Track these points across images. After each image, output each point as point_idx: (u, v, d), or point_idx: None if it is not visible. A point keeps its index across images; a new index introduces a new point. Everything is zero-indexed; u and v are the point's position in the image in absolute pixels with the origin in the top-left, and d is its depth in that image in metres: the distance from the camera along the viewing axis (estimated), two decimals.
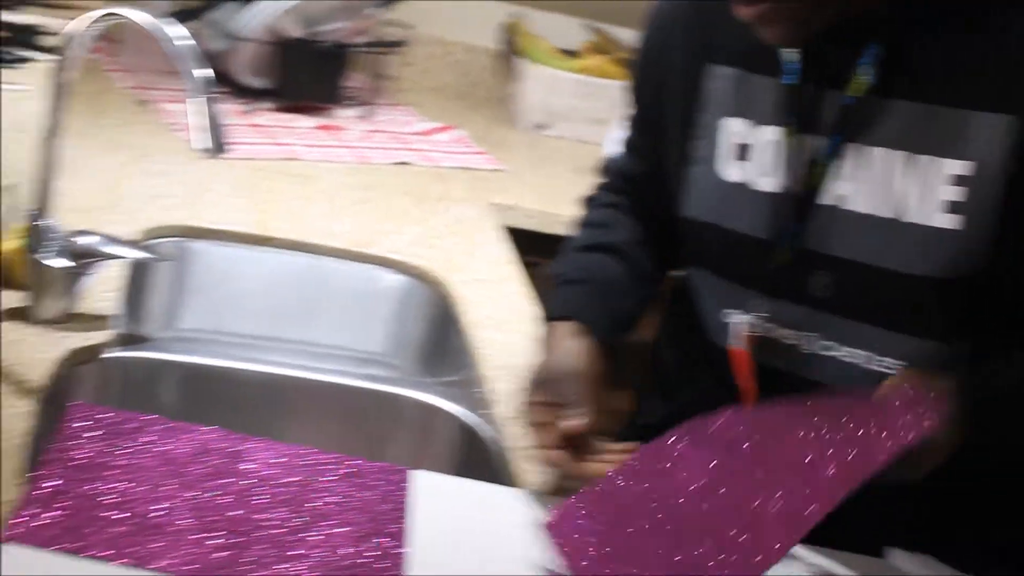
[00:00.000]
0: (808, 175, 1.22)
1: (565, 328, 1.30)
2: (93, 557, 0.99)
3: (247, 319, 1.83)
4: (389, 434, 1.51)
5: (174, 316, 1.80)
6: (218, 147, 1.36)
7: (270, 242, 1.85)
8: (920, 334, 1.20)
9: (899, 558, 1.22)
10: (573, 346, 1.27)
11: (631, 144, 1.47)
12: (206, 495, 1.11)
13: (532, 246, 2.19)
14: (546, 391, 1.22)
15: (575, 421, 1.19)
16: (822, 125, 1.21)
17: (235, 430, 1.26)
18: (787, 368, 1.27)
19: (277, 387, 1.52)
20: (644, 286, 1.39)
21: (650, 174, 1.40)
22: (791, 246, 1.23)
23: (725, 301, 1.30)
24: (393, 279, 1.85)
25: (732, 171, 1.27)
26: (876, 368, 1.22)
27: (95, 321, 1.47)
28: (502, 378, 1.51)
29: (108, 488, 1.09)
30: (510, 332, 1.68)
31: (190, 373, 1.50)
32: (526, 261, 2.02)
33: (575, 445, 1.19)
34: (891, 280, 1.18)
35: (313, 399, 1.53)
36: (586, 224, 1.45)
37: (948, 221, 1.14)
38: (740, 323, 1.27)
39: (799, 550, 1.22)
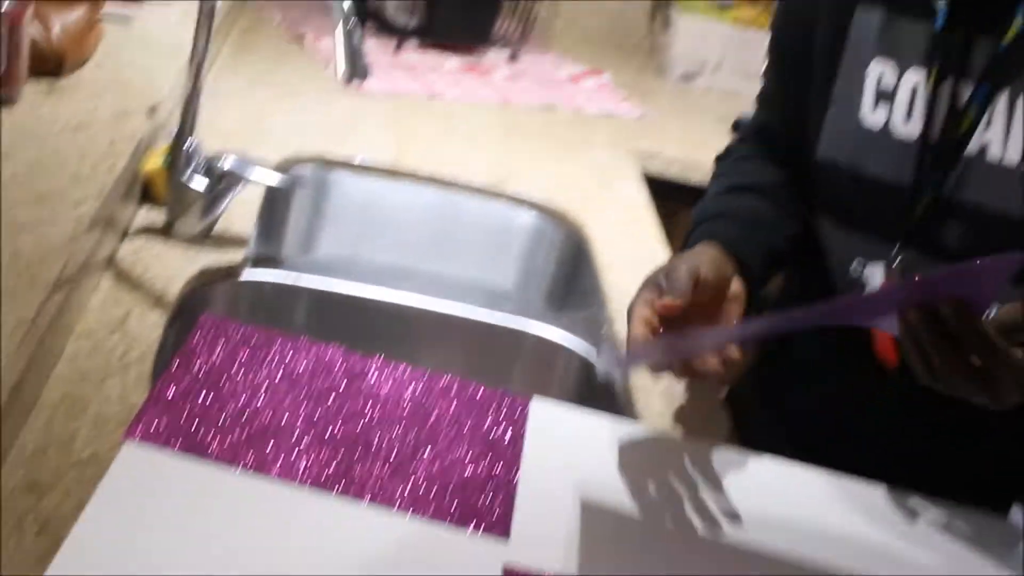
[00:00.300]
0: (953, 122, 1.18)
1: (703, 245, 1.23)
2: (210, 460, 1.02)
3: (381, 250, 1.85)
4: (510, 367, 1.52)
5: (309, 243, 1.83)
6: (359, 74, 1.37)
7: (408, 176, 1.86)
8: None
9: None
10: (702, 251, 1.20)
11: (765, 96, 1.44)
12: (325, 409, 1.13)
13: (671, 195, 2.17)
14: (655, 285, 1.17)
15: (668, 300, 1.12)
16: (971, 71, 1.17)
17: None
18: None
19: (403, 316, 1.53)
20: (791, 223, 1.35)
21: (785, 124, 1.37)
22: (931, 195, 1.19)
23: (855, 253, 1.27)
24: (527, 217, 1.86)
25: (874, 116, 1.24)
26: None
27: (231, 242, 1.50)
28: None
29: (230, 397, 1.11)
30: (640, 274, 1.66)
31: (319, 297, 1.52)
32: (664, 210, 2.00)
33: (670, 329, 1.12)
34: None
35: (437, 329, 1.54)
36: (723, 174, 1.43)
37: None
38: (873, 274, 1.24)
39: (918, 501, 1.20)
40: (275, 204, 1.72)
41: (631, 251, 1.75)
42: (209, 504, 0.96)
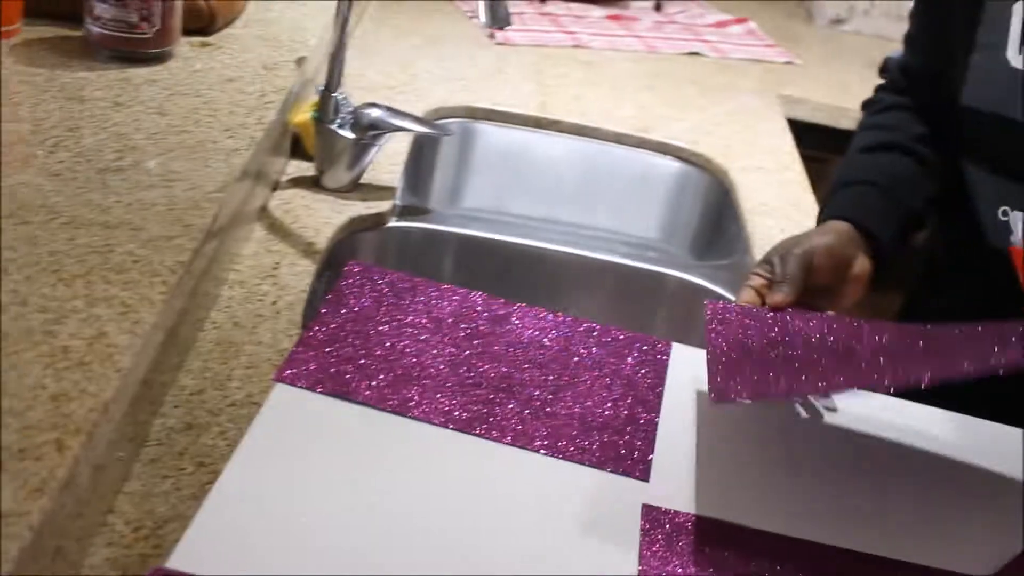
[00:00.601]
0: None
1: (830, 224, 1.25)
2: (356, 401, 1.05)
3: (525, 200, 1.87)
4: (653, 313, 1.53)
5: (455, 193, 1.86)
6: (501, 21, 1.39)
7: (553, 126, 1.87)
8: None
9: None
10: (825, 232, 1.22)
11: (911, 39, 1.42)
12: (467, 353, 1.16)
13: (818, 142, 2.14)
14: (768, 265, 1.19)
15: (778, 296, 1.15)
16: None
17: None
18: None
19: (546, 262, 1.55)
20: (933, 180, 1.33)
21: (931, 68, 1.34)
22: None
23: (1003, 199, 1.25)
24: (671, 165, 1.85)
25: (1020, 58, 1.21)
26: None
27: (378, 192, 1.53)
28: None
29: (376, 340, 1.14)
30: (786, 220, 1.65)
31: (464, 245, 1.55)
32: (810, 156, 1.98)
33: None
34: None
35: (580, 275, 1.56)
36: (868, 127, 1.41)
37: None
38: (1019, 222, 1.21)
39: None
40: (421, 155, 1.75)
41: (776, 198, 1.74)
42: (355, 444, 0.99)
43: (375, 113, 1.50)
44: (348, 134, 1.49)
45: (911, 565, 0.99)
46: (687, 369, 1.21)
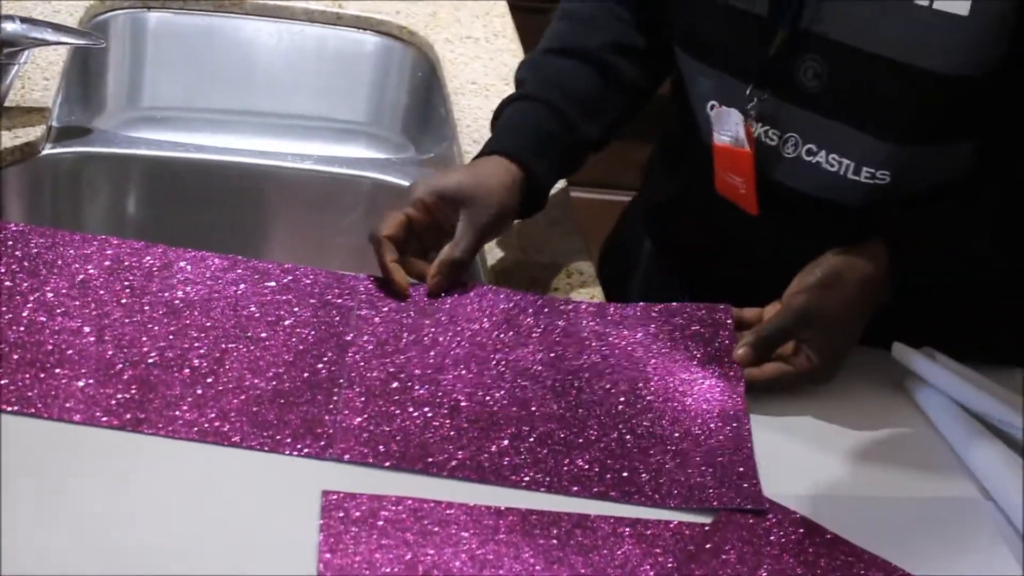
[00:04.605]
0: None
1: (498, 163, 1.15)
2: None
3: (217, 93, 1.69)
4: (360, 222, 1.39)
5: (133, 97, 1.66)
6: None
7: (236, 7, 1.68)
8: (910, 141, 1.05)
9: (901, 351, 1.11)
10: (497, 175, 1.13)
11: None
12: (120, 324, 1.00)
13: None
14: (440, 206, 1.11)
15: (456, 253, 1.09)
16: None
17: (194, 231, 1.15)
18: (766, 174, 1.12)
19: (232, 176, 1.40)
20: (619, 100, 1.23)
21: None
22: (787, 29, 1.06)
23: (711, 94, 1.14)
24: (372, 41, 1.69)
25: None
26: (861, 179, 1.08)
27: (27, 115, 1.34)
28: None
29: (7, 322, 0.98)
30: (495, 100, 1.51)
31: (137, 166, 1.38)
32: (525, 7, 1.84)
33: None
34: (886, 71, 1.02)
35: (276, 187, 1.42)
36: (563, 16, 1.26)
37: (959, 6, 0.98)
38: (728, 117, 1.11)
39: None
40: (89, 60, 1.55)
41: (485, 74, 1.60)
42: None
43: (9, 27, 1.30)
44: None
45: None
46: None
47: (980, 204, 1.08)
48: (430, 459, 0.93)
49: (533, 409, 0.99)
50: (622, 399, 1.02)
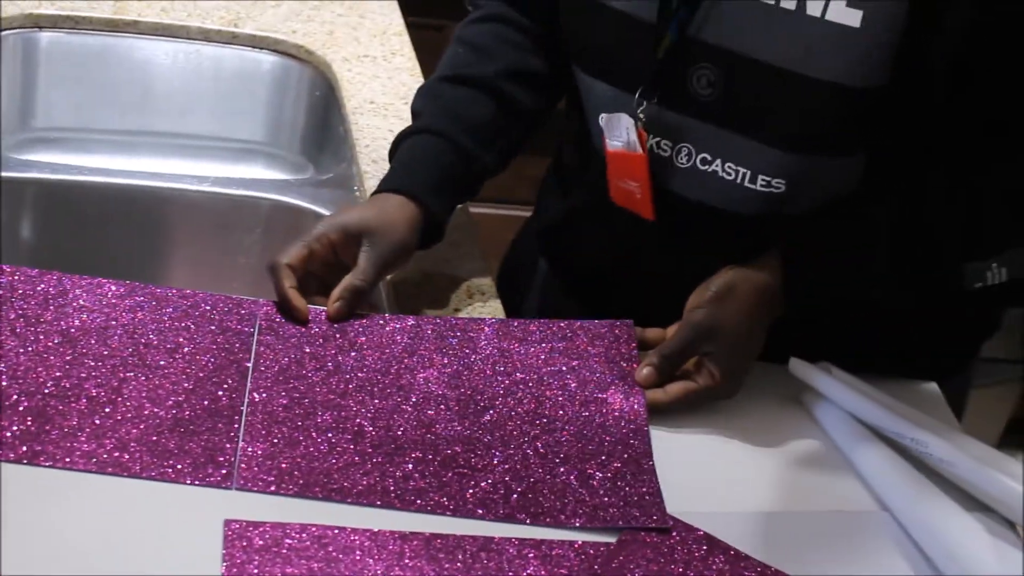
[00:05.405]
0: None
1: (397, 200, 1.15)
2: None
3: (112, 114, 1.66)
4: (255, 244, 1.38)
5: (25, 118, 1.63)
6: None
7: (131, 27, 1.66)
8: (804, 150, 1.06)
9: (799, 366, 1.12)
10: (399, 211, 1.14)
11: None
12: (13, 355, 0.98)
13: (432, 5, 2.00)
14: (344, 241, 1.11)
15: (357, 281, 1.09)
16: None
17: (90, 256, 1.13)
18: (662, 184, 1.13)
19: (128, 196, 1.38)
20: (515, 126, 1.23)
21: None
22: (675, 34, 1.07)
23: (604, 105, 1.15)
24: (268, 60, 1.68)
25: None
26: (757, 187, 1.09)
27: None
28: (381, 174, 1.36)
29: None
30: (395, 118, 1.52)
31: (37, 190, 1.36)
32: (422, 24, 1.84)
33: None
34: (777, 80, 1.03)
35: (173, 209, 1.40)
36: (460, 41, 1.26)
37: (851, 17, 1.00)
38: (618, 125, 1.12)
39: None
40: None
41: (384, 92, 1.60)
42: None
43: None
44: None
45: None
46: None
47: (876, 219, 1.10)
48: (334, 486, 0.93)
49: (437, 431, 0.99)
50: (526, 418, 1.02)
